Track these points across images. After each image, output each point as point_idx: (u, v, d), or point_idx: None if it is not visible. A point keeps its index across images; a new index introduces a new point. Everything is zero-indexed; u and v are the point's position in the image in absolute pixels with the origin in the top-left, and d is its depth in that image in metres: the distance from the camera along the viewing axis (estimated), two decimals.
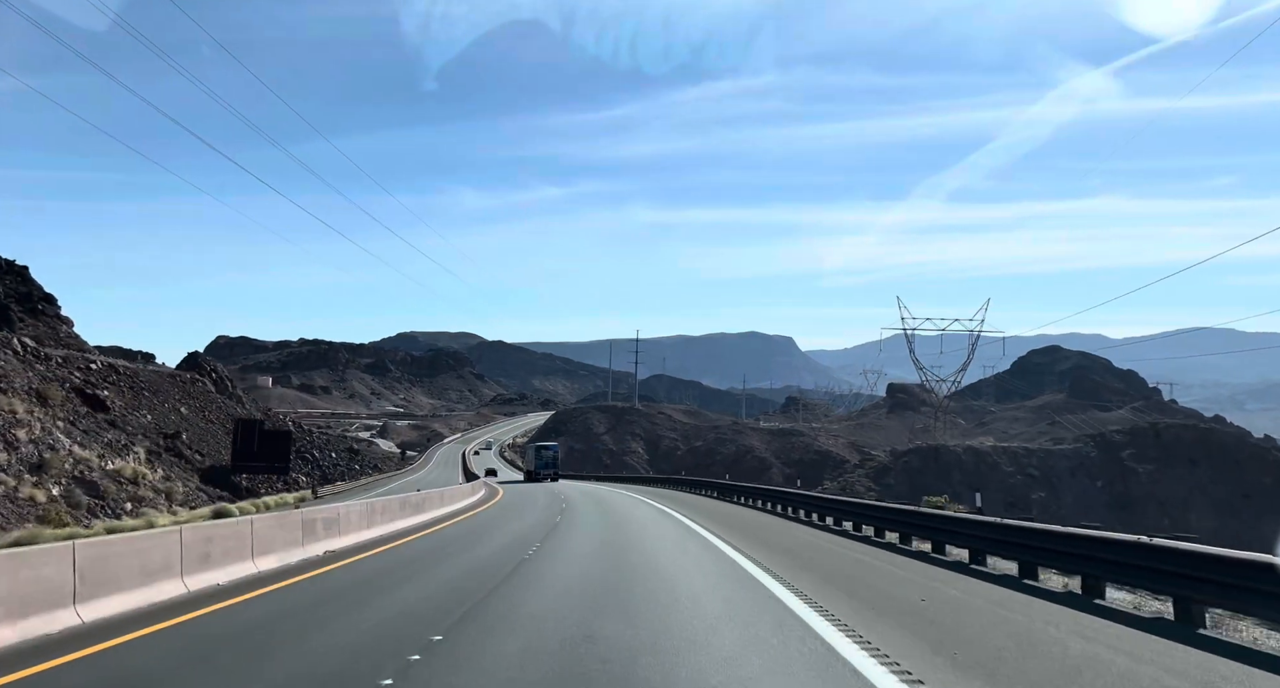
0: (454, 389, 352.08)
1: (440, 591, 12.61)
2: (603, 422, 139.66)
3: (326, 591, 12.73)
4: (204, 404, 79.76)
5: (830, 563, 16.32)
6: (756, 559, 15.95)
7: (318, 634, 9.16)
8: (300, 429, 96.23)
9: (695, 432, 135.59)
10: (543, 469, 78.04)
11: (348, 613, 10.55)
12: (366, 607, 11.06)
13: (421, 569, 15.62)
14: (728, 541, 19.69)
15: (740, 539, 20.00)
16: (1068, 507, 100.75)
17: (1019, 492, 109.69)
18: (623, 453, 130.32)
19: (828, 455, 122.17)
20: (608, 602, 11.14)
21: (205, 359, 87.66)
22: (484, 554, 18.05)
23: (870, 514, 22.03)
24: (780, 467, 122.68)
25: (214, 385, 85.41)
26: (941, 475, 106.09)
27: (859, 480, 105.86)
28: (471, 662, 7.69)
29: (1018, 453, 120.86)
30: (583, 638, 8.59)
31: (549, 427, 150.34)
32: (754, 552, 17.32)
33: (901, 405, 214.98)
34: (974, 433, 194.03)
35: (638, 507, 33.36)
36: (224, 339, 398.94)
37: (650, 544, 19.26)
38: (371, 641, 8.69)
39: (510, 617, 9.94)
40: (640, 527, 24.82)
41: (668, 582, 13.16)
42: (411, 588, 12.99)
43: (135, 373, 74.10)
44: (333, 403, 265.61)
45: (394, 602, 11.46)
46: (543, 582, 13.28)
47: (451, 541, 21.45)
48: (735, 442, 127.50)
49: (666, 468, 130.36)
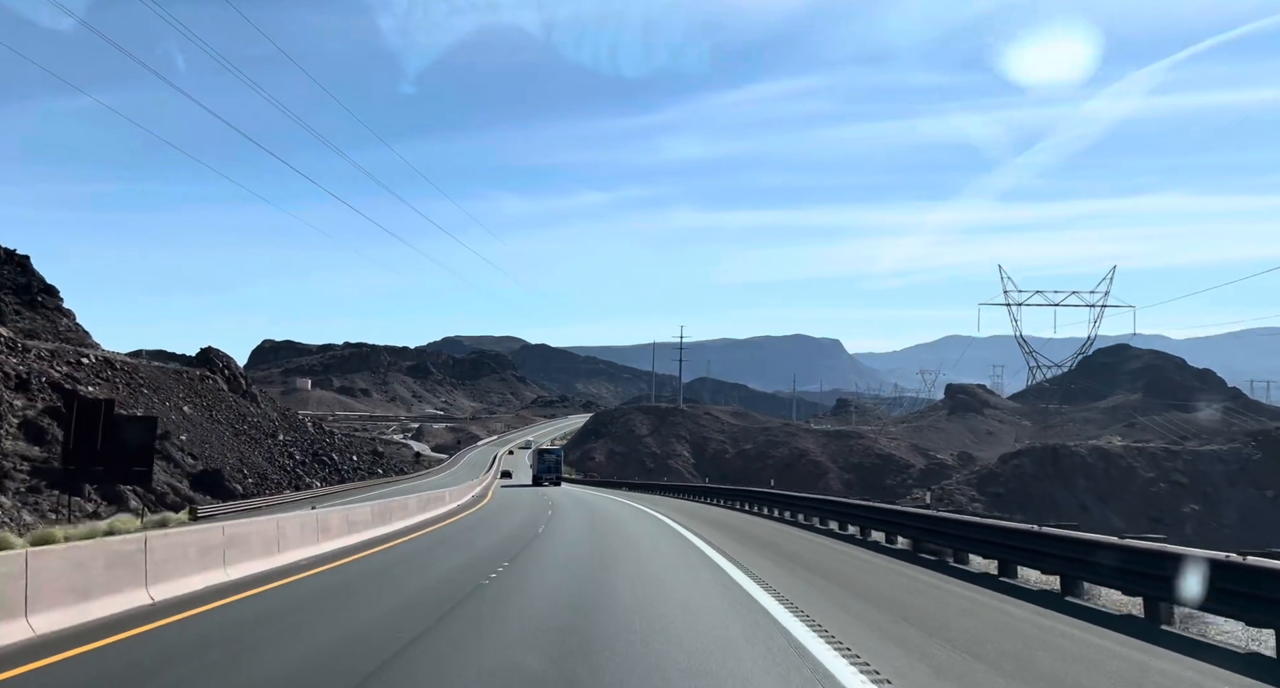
0: (496, 392, 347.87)
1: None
2: (645, 423, 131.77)
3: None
4: (212, 403, 73.61)
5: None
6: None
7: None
8: (320, 431, 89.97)
9: (744, 434, 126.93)
10: (544, 474, 76.20)
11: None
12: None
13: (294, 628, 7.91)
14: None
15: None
16: (1232, 523, 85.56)
17: (1164, 504, 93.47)
18: (666, 456, 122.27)
19: (890, 459, 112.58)
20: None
21: (218, 355, 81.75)
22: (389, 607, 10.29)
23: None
24: (838, 472, 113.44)
25: (226, 383, 79.36)
26: (1062, 482, 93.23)
27: (958, 488, 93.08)
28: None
29: (1157, 455, 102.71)
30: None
31: (589, 429, 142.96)
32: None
33: (963, 407, 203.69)
34: (1042, 436, 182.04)
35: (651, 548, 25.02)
36: (269, 343, 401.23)
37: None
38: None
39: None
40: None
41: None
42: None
43: (134, 369, 68.10)
44: (372, 405, 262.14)
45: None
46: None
47: (362, 578, 13.80)
48: (788, 444, 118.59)
49: (713, 473, 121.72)
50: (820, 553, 18.58)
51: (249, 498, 47.52)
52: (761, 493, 38.62)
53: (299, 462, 75.98)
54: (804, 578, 14.16)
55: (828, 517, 25.46)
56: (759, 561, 16.22)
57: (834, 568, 16.00)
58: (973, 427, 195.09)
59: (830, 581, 14.09)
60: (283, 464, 73.01)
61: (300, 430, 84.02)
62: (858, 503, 25.52)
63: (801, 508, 29.22)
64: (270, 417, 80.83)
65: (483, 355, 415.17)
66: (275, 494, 56.02)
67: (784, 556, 17.83)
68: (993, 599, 11.58)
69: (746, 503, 38.51)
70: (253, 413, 77.95)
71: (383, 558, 17.44)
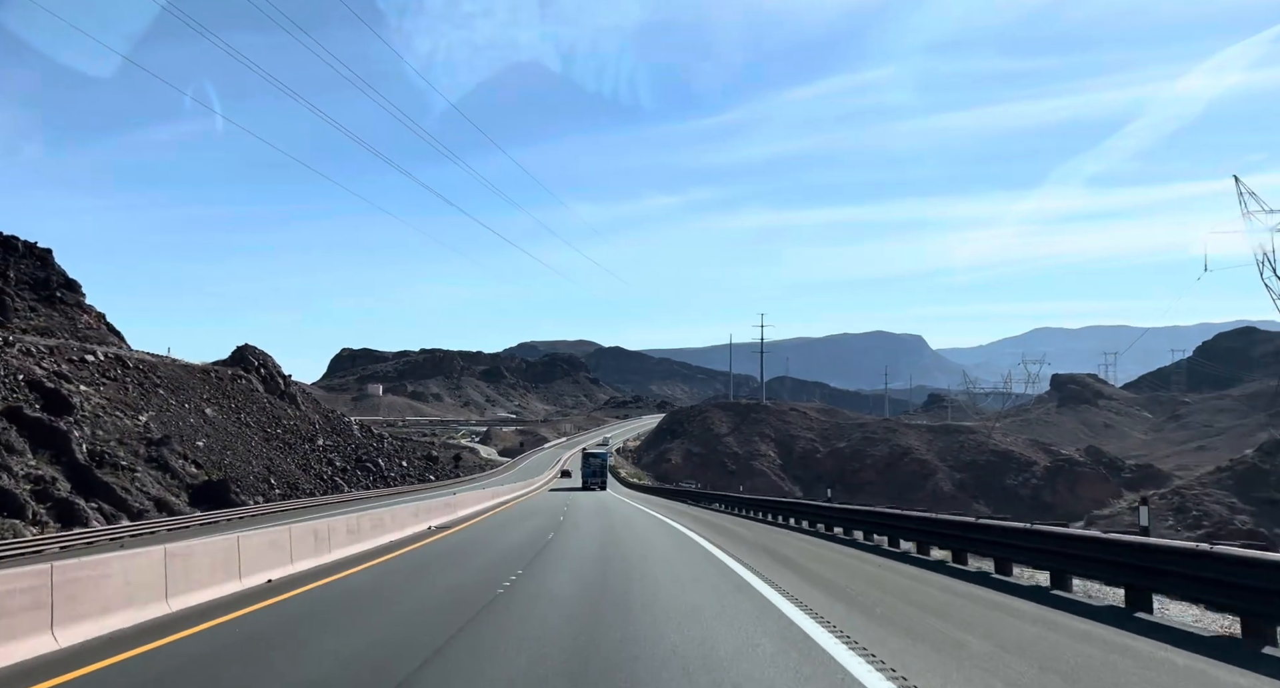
0: (569, 395, 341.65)
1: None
2: (725, 421, 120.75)
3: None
4: (242, 405, 65.89)
5: None
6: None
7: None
8: (368, 435, 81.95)
9: (835, 431, 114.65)
10: (590, 478, 74.97)
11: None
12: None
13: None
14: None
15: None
16: None
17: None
18: (750, 456, 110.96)
19: (1007, 457, 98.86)
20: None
21: (254, 353, 74.32)
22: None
23: None
24: (947, 471, 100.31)
25: (261, 383, 71.76)
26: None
27: (1201, 492, 73.81)
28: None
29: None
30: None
31: (663, 428, 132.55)
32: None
33: (1074, 398, 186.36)
34: (1167, 429, 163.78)
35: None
36: (347, 352, 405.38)
37: None
38: None
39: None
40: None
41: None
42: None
43: (152, 368, 60.64)
44: (443, 410, 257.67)
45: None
46: None
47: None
48: (887, 441, 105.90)
49: (804, 475, 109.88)
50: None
51: (236, 507, 38.74)
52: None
53: (339, 468, 67.75)
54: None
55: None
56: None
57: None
58: (1086, 419, 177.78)
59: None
60: (319, 471, 64.78)
61: (344, 435, 76.01)
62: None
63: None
64: (310, 420, 72.96)
65: (555, 358, 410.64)
66: (238, 506, 47.28)
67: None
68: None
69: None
70: (290, 416, 70.11)
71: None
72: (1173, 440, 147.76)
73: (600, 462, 77.40)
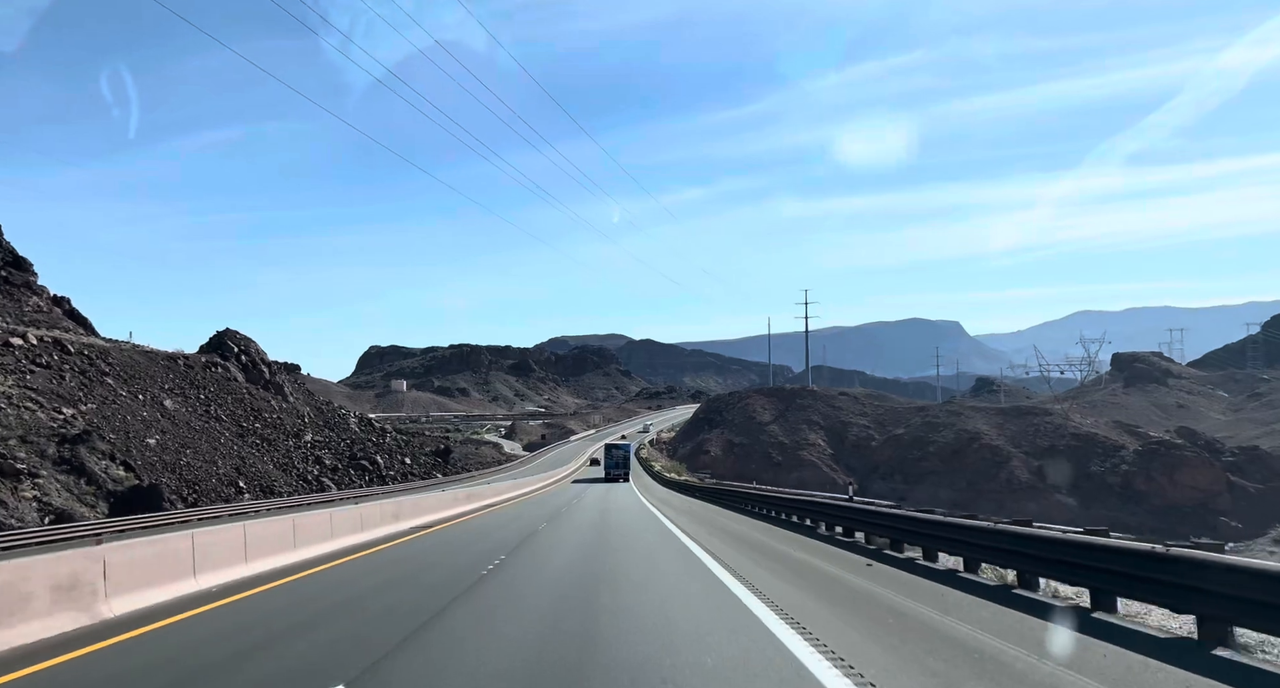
0: (600, 388, 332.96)
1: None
2: (768, 408, 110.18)
3: None
4: (214, 396, 56.98)
5: None
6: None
7: None
8: (368, 429, 72.85)
9: (892, 416, 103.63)
10: (612, 469, 75.74)
11: None
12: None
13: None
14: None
15: None
16: None
17: None
18: (797, 446, 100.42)
19: (1092, 440, 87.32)
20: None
21: (235, 338, 65.43)
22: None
23: None
24: (1023, 458, 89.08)
25: (242, 372, 62.86)
26: None
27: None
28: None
29: None
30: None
31: (700, 417, 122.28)
32: None
33: (1142, 378, 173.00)
34: (1248, 407, 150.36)
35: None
36: (375, 349, 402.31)
37: None
38: None
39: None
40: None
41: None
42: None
43: (102, 353, 51.84)
44: (470, 405, 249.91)
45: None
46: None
47: None
48: (952, 426, 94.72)
49: (859, 465, 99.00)
50: None
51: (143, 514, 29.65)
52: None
53: (328, 467, 58.62)
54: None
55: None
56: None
57: None
58: (1157, 400, 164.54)
59: None
60: (303, 471, 55.69)
61: (339, 429, 66.93)
62: None
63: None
64: (299, 413, 63.99)
65: (586, 351, 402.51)
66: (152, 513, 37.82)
67: None
68: None
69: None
70: (272, 408, 61.14)
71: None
72: (1259, 420, 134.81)
73: (623, 453, 78.27)
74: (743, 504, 36.62)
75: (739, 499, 38.95)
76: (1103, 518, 75.74)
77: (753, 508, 33.89)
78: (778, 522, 27.62)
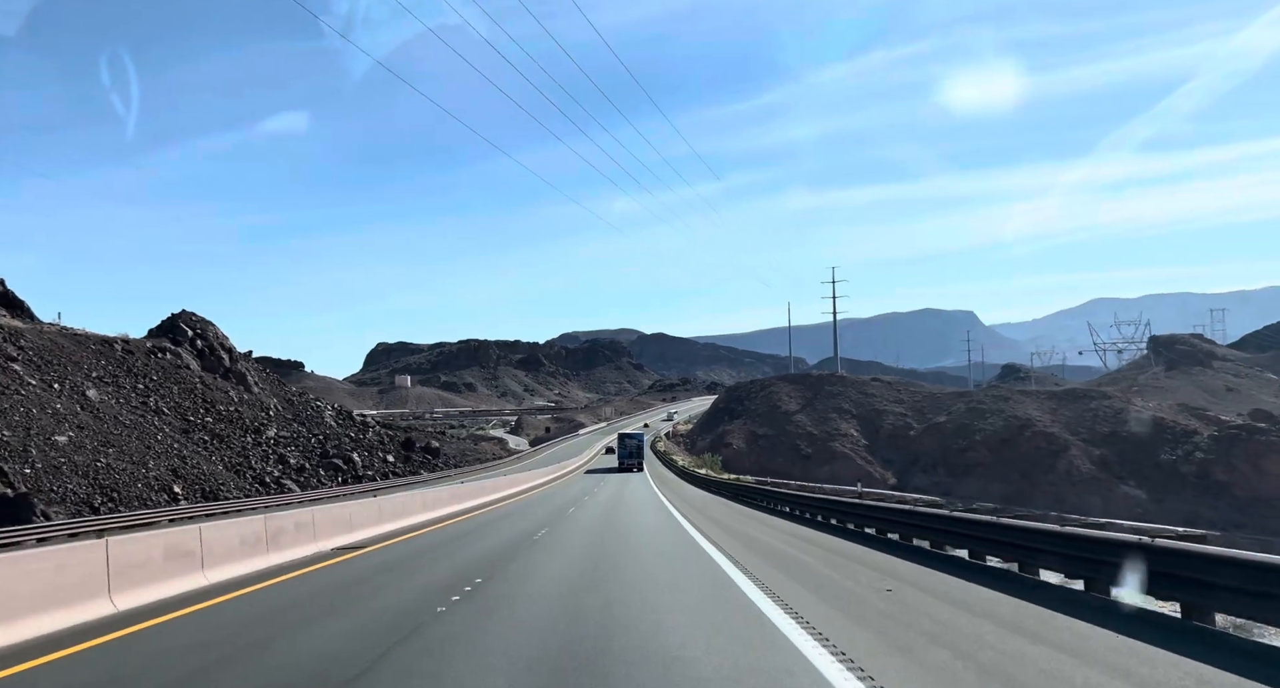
0: (611, 381, 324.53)
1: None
2: (794, 397, 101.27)
3: None
4: (156, 386, 48.66)
5: None
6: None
7: None
8: (346, 423, 64.43)
9: (931, 403, 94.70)
10: (626, 458, 76.03)
11: None
12: None
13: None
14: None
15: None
16: None
17: None
18: (828, 437, 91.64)
19: (1160, 426, 78.13)
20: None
21: (191, 322, 57.08)
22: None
23: None
24: (1082, 447, 79.97)
25: (196, 359, 54.54)
26: None
27: None
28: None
29: None
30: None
31: (720, 407, 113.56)
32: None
33: (1185, 360, 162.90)
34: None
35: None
36: (382, 346, 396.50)
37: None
38: None
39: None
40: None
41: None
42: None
43: (12, 335, 43.58)
44: (477, 400, 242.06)
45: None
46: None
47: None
48: (1000, 412, 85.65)
49: (897, 456, 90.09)
50: None
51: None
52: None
53: (294, 466, 50.22)
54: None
55: None
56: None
57: None
58: (1203, 383, 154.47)
59: None
60: (261, 471, 47.30)
61: (311, 424, 58.52)
62: None
63: None
64: (262, 405, 55.64)
65: (597, 345, 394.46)
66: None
67: None
68: None
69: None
70: (230, 400, 52.80)
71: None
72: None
73: (636, 443, 78.15)
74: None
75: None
76: (1178, 512, 66.54)
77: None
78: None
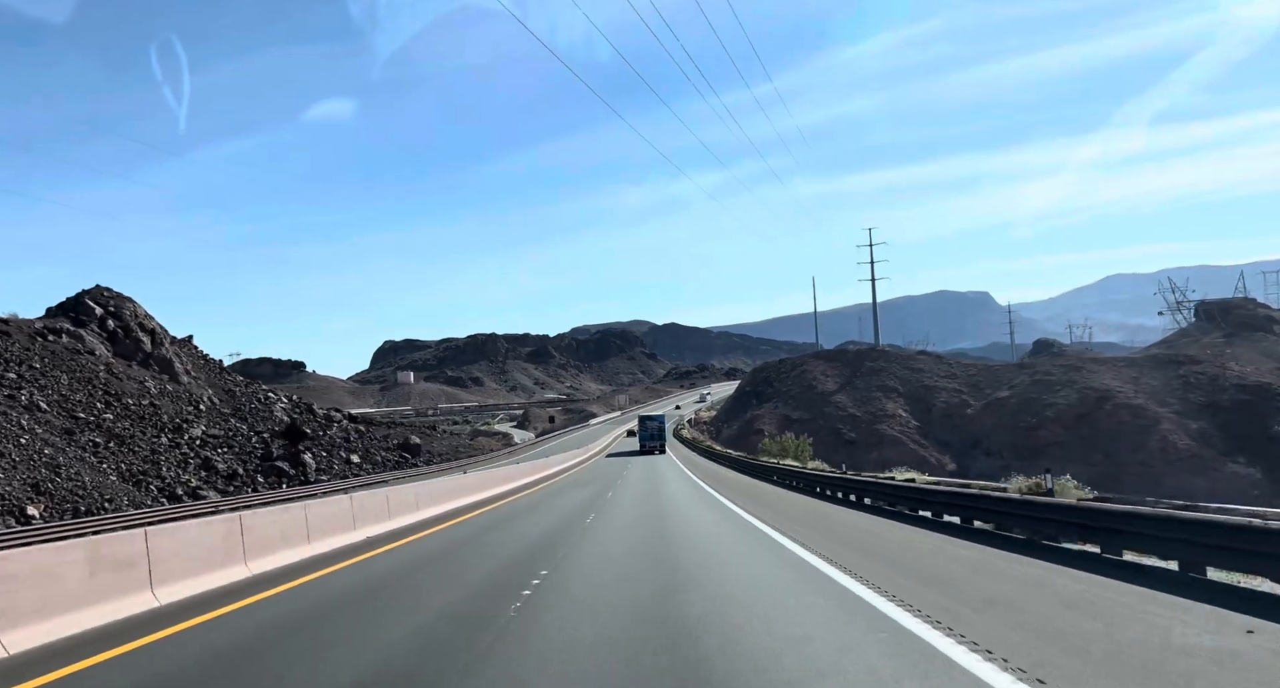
0: (625, 372, 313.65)
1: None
2: (832, 375, 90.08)
3: None
4: (36, 376, 37.96)
5: None
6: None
7: None
8: (304, 416, 53.66)
9: (989, 376, 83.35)
10: (647, 441, 74.61)
11: None
12: None
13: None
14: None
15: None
16: None
17: None
18: (873, 419, 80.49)
19: (1267, 393, 66.61)
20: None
21: (104, 297, 46.47)
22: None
23: None
24: (1176, 419, 68.41)
25: (106, 342, 43.85)
26: None
27: None
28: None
29: None
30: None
31: (747, 390, 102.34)
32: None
33: (1245, 326, 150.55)
34: None
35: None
36: (389, 343, 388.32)
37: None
38: None
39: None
40: None
41: None
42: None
43: None
44: (484, 395, 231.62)
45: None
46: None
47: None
48: (1072, 384, 74.27)
49: (954, 438, 78.73)
50: None
51: None
52: None
53: (222, 472, 39.43)
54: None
55: None
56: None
57: None
58: (1269, 350, 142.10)
59: None
60: (173, 479, 36.53)
61: (257, 419, 47.75)
62: None
63: None
64: (192, 397, 44.91)
65: (609, 335, 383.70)
66: None
67: None
68: None
69: None
70: (144, 392, 42.10)
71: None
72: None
73: (658, 425, 76.08)
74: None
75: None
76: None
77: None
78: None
